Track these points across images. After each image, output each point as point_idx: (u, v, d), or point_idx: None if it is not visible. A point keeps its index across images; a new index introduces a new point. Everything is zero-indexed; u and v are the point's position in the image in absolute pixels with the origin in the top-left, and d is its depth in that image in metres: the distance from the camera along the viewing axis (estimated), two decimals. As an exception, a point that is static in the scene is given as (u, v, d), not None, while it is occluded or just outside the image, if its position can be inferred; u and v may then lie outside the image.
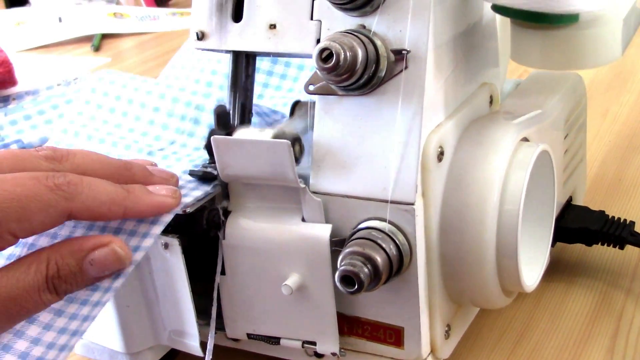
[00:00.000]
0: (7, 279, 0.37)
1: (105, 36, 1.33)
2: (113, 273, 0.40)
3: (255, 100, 0.49)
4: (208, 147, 0.45)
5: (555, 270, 0.56)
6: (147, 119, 0.54)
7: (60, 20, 1.38)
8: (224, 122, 0.46)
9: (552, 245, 0.51)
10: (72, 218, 0.39)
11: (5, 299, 0.36)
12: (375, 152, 0.41)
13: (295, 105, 0.52)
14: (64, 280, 0.38)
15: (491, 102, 0.50)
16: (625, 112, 0.86)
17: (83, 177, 0.40)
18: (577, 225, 0.55)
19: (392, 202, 0.41)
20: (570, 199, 0.58)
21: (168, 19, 1.41)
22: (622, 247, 0.54)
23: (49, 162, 0.41)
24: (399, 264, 0.41)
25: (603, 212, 0.56)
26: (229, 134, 0.45)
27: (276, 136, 0.43)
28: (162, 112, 0.54)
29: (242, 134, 0.44)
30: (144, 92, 0.55)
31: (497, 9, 0.44)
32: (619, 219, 0.55)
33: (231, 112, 0.47)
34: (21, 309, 0.37)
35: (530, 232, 0.48)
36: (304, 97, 0.48)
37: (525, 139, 0.47)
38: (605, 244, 0.55)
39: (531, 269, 0.47)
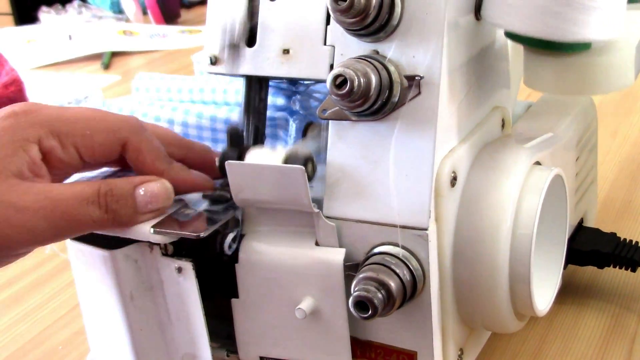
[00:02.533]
0: (64, 186, 0.42)
1: (115, 54, 1.34)
2: (158, 210, 0.43)
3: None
4: (221, 168, 0.45)
5: (567, 292, 0.56)
6: None
7: (70, 38, 1.39)
8: (236, 142, 0.46)
9: (564, 267, 0.51)
10: (123, 153, 0.45)
11: (62, 205, 0.40)
12: (389, 177, 0.42)
13: (308, 127, 0.52)
14: (115, 200, 0.42)
15: (503, 125, 0.50)
16: (635, 133, 0.86)
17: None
18: (589, 248, 0.55)
19: (406, 227, 0.41)
20: (581, 221, 0.58)
21: (177, 36, 1.42)
22: (634, 270, 0.54)
23: None
24: (412, 289, 0.41)
25: (614, 234, 0.56)
26: (241, 153, 0.45)
27: (289, 157, 0.43)
28: None
29: (254, 155, 0.44)
30: None
31: (510, 36, 0.45)
32: (631, 241, 0.55)
33: (244, 135, 0.47)
34: (72, 221, 0.41)
35: (542, 255, 0.48)
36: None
37: (538, 163, 0.47)
38: (617, 267, 0.55)
39: (543, 293, 0.47)
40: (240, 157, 0.45)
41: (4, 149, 0.41)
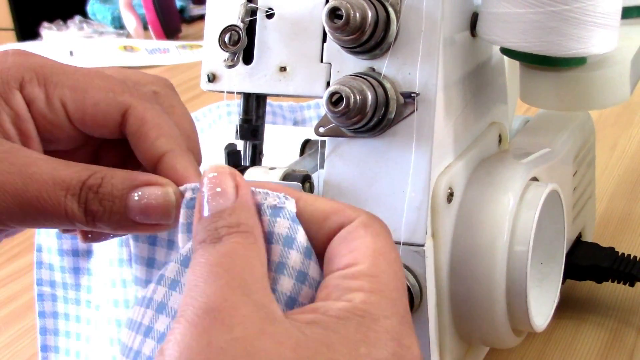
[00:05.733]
0: (49, 163, 0.32)
1: (115, 69, 1.34)
2: (154, 225, 0.33)
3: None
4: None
5: (566, 307, 0.56)
6: None
7: (71, 54, 1.39)
8: (234, 161, 0.47)
9: (562, 282, 0.51)
10: (124, 124, 0.35)
11: (35, 186, 0.32)
12: (385, 194, 0.42)
13: (306, 144, 0.52)
14: (99, 199, 0.32)
15: (500, 141, 0.50)
16: (633, 146, 0.86)
17: None
18: (587, 263, 0.55)
19: (403, 243, 0.41)
20: (579, 236, 0.58)
21: (178, 51, 1.43)
22: (632, 285, 0.54)
23: None
24: (409, 305, 0.41)
25: (613, 248, 0.56)
26: (240, 172, 0.45)
27: (286, 175, 0.43)
28: None
29: (252, 173, 0.44)
30: None
31: (505, 52, 0.45)
32: (629, 255, 0.55)
33: (242, 153, 0.47)
34: (42, 211, 0.32)
35: (540, 270, 0.48)
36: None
37: (535, 179, 0.47)
38: (616, 281, 0.55)
39: (541, 308, 0.47)
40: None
41: None
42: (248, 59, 0.46)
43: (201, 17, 1.76)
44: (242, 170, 0.45)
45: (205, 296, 0.27)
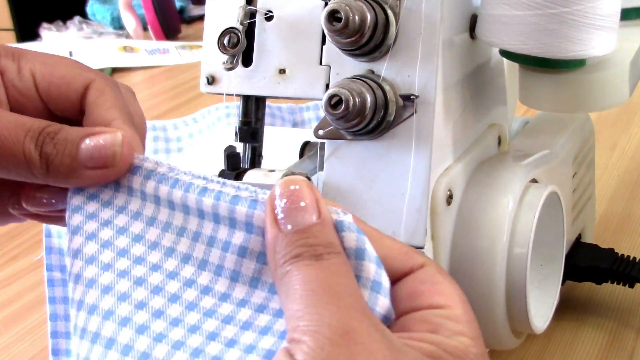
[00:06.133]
0: (15, 114, 0.35)
1: (115, 70, 1.34)
2: (101, 169, 0.35)
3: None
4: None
5: (565, 308, 0.56)
6: None
7: (71, 54, 1.39)
8: (233, 164, 0.47)
9: (562, 283, 0.51)
10: (84, 97, 0.37)
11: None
12: (385, 196, 0.42)
13: (305, 146, 0.52)
14: (54, 143, 0.34)
15: (499, 142, 0.50)
16: (633, 146, 0.86)
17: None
18: (587, 264, 0.55)
19: (402, 245, 0.41)
20: (579, 237, 0.58)
21: (177, 52, 1.43)
22: (631, 286, 0.54)
23: None
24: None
25: (612, 250, 0.56)
26: (239, 175, 0.45)
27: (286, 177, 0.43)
28: None
29: (252, 176, 0.44)
30: None
31: (505, 54, 0.45)
32: (629, 257, 0.55)
33: (241, 155, 0.47)
34: (4, 151, 0.34)
35: (540, 271, 0.48)
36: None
37: (534, 180, 0.47)
38: (615, 283, 0.55)
39: (541, 310, 0.47)
40: (238, 178, 0.45)
41: None
42: (247, 61, 0.46)
43: (201, 18, 1.76)
44: (242, 172, 0.45)
45: (339, 315, 0.27)
